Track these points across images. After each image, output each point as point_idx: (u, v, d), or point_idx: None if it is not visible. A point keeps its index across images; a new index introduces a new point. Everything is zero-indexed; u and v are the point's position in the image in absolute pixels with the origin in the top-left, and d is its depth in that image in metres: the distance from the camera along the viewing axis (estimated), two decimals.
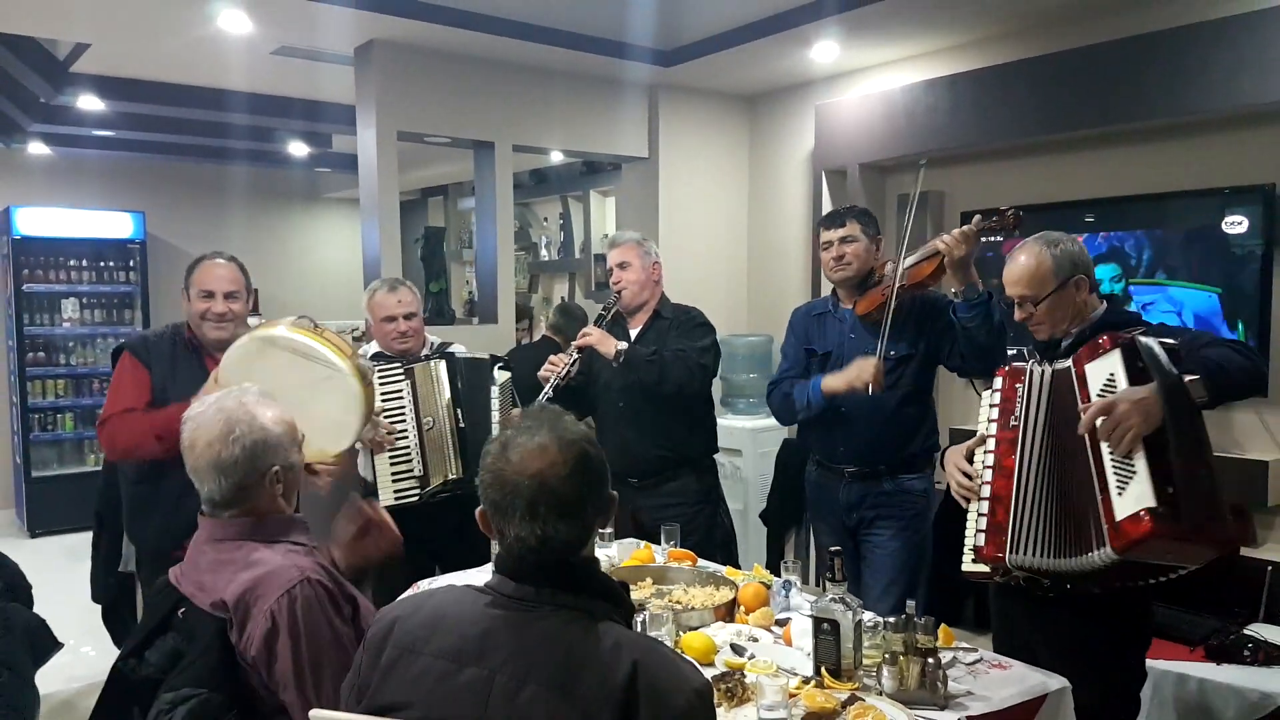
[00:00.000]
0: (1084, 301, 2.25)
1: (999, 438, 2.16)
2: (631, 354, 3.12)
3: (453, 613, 1.42)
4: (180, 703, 1.59)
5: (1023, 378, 2.17)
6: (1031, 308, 2.25)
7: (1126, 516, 1.87)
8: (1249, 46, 3.32)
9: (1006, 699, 1.90)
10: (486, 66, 4.59)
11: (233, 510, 1.81)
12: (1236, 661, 2.84)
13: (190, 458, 1.82)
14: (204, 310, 2.80)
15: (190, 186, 7.71)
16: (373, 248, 4.44)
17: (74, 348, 6.95)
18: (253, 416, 1.83)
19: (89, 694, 3.86)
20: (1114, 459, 1.93)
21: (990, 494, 2.13)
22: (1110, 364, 2.00)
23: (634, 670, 1.30)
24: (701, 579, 2.50)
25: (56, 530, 6.47)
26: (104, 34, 4.37)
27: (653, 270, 3.30)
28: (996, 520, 2.10)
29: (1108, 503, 1.92)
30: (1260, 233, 3.43)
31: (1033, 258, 2.24)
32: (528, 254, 7.34)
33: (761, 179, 5.45)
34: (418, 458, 3.00)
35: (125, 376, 2.79)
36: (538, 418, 1.45)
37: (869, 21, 4.05)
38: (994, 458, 2.15)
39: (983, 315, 2.63)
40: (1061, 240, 2.26)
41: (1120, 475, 1.91)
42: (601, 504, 1.45)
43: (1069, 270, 2.22)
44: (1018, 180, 4.28)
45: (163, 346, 2.84)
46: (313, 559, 1.80)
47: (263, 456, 1.81)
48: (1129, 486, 1.89)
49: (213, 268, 2.86)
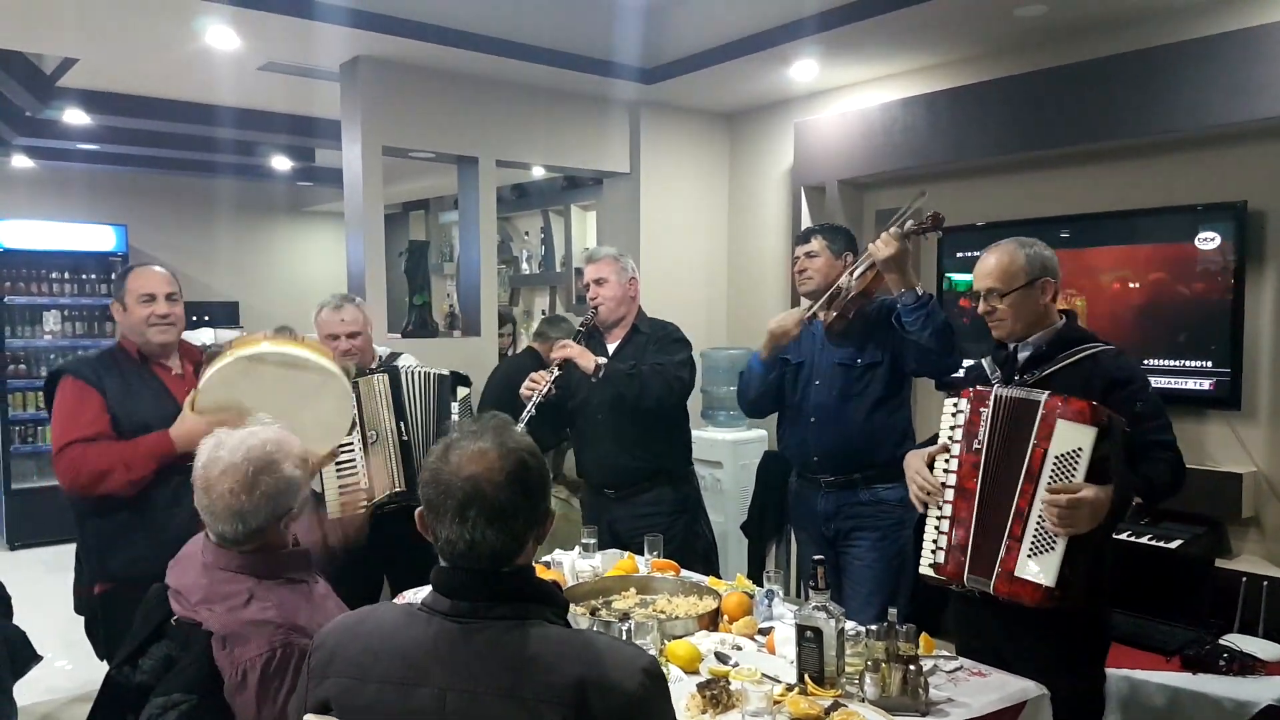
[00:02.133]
0: (1046, 306, 2.31)
1: (962, 459, 2.26)
2: (611, 369, 3.14)
3: (391, 636, 1.41)
4: (171, 707, 1.60)
5: (988, 401, 2.23)
6: (997, 301, 2.30)
7: (1025, 579, 2.11)
8: (1219, 67, 3.41)
9: (986, 705, 1.92)
10: (470, 83, 4.63)
11: (242, 547, 1.81)
12: (1212, 671, 2.87)
13: (206, 496, 1.79)
14: (147, 315, 2.72)
15: (173, 200, 7.71)
16: (357, 261, 4.45)
17: (55, 360, 6.88)
18: (278, 464, 1.81)
19: (69, 706, 3.87)
20: (1040, 527, 2.11)
21: (951, 513, 2.26)
22: (1081, 438, 2.07)
23: (580, 665, 1.31)
24: (685, 589, 2.52)
25: (36, 543, 6.41)
26: (91, 49, 4.38)
27: (629, 286, 3.32)
28: (957, 540, 2.24)
29: (1013, 552, 2.13)
30: (1232, 250, 3.50)
31: (1005, 254, 2.31)
32: (509, 268, 7.36)
33: (741, 195, 5.50)
34: (364, 470, 2.96)
35: (73, 402, 2.65)
36: (485, 425, 1.45)
37: (848, 41, 4.12)
38: (956, 478, 2.27)
39: (924, 317, 2.67)
40: (1035, 244, 2.33)
41: (1038, 541, 2.11)
42: (536, 516, 1.43)
43: (1038, 271, 2.28)
44: (993, 197, 4.34)
45: (106, 365, 2.73)
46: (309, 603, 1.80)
47: (280, 504, 1.82)
48: (1040, 556, 2.10)
49: (147, 272, 2.79)
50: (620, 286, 3.29)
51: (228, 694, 1.64)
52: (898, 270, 2.69)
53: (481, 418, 1.49)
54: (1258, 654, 2.94)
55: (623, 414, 3.19)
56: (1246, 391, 3.54)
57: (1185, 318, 3.63)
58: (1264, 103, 3.31)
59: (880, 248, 2.69)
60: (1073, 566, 2.06)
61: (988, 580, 2.16)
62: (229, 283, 8.09)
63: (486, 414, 1.50)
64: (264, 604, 1.73)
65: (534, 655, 1.33)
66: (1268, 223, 3.53)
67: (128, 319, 2.76)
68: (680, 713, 1.78)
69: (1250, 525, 3.53)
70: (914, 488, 2.35)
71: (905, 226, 2.70)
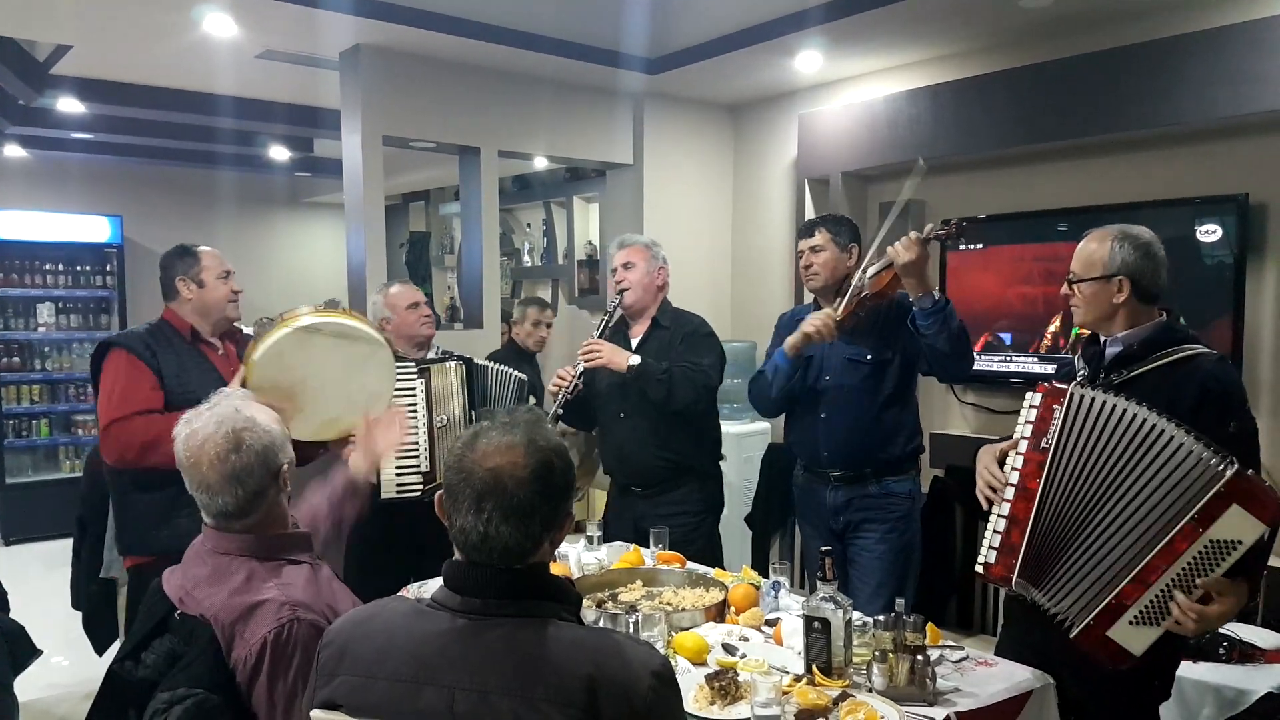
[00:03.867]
0: (1124, 305, 2.13)
1: (1027, 457, 2.06)
2: (644, 369, 3.07)
3: (402, 634, 1.40)
4: (177, 702, 1.58)
5: (1061, 400, 2.02)
6: (1074, 287, 2.19)
7: (1117, 643, 1.90)
8: (1223, 60, 3.40)
9: (993, 695, 1.93)
10: (472, 72, 4.60)
11: (245, 520, 1.79)
12: (1212, 660, 2.87)
13: (197, 474, 1.78)
14: (228, 292, 2.83)
15: (168, 190, 7.67)
16: (358, 252, 4.43)
17: (50, 353, 6.88)
18: (255, 421, 1.82)
19: (67, 701, 3.87)
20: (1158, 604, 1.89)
21: (1009, 513, 2.06)
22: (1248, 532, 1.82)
23: (591, 665, 1.30)
24: (691, 581, 2.52)
25: (32, 538, 6.40)
26: (86, 36, 4.35)
27: (657, 275, 3.26)
28: (1011, 541, 2.04)
29: (1115, 614, 1.91)
30: (1234, 242, 3.50)
31: (1095, 240, 2.18)
32: (510, 260, 7.35)
33: (745, 187, 5.49)
34: (425, 453, 3.04)
35: (128, 376, 2.64)
36: (518, 418, 1.44)
37: (852, 32, 4.11)
38: (1019, 476, 2.07)
39: (939, 323, 2.65)
40: (1134, 237, 2.15)
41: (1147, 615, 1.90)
42: (554, 518, 1.41)
43: (1117, 268, 2.12)
44: (995, 190, 4.34)
45: (159, 341, 2.73)
46: (313, 583, 1.79)
47: (273, 459, 1.81)
48: (1141, 628, 1.89)
49: (213, 253, 2.86)
50: (649, 274, 3.23)
51: (242, 680, 1.63)
52: (916, 275, 2.66)
53: (516, 410, 1.47)
54: (1257, 642, 2.95)
55: (643, 408, 3.14)
56: (1248, 384, 3.52)
57: (1186, 310, 3.62)
58: (1267, 95, 3.31)
59: (901, 252, 2.64)
60: (1160, 644, 1.91)
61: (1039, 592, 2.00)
62: None
63: (523, 407, 1.49)
64: (265, 583, 1.73)
65: (545, 655, 1.32)
66: (1269, 215, 3.53)
67: (205, 295, 2.81)
68: (689, 704, 1.78)
69: None
70: (981, 483, 2.18)
71: (926, 231, 2.68)
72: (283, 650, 1.64)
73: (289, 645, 1.64)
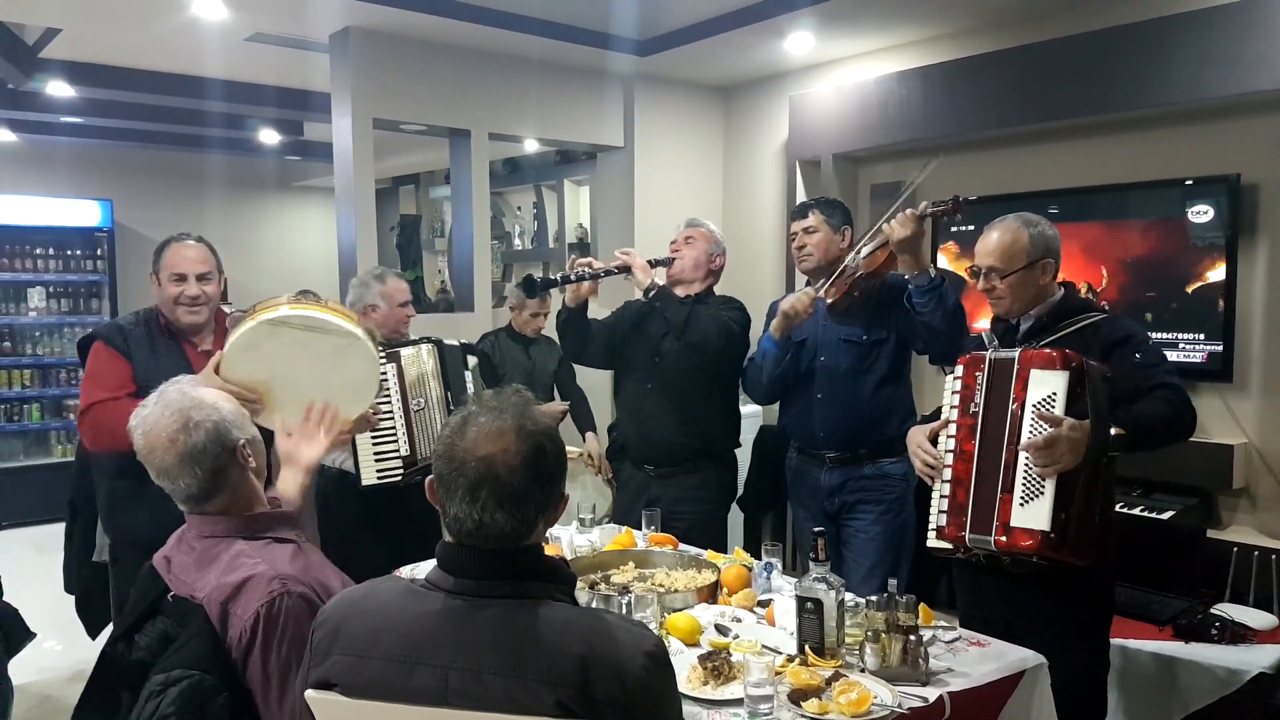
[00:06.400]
0: (1046, 285, 2.32)
1: (959, 423, 2.27)
2: (665, 291, 3.04)
3: (396, 613, 1.40)
4: (172, 684, 1.58)
5: (981, 366, 2.24)
6: (997, 280, 2.31)
7: (1021, 527, 2.11)
8: (1215, 40, 3.40)
9: (986, 675, 1.93)
10: (463, 54, 4.58)
11: (214, 501, 1.79)
12: (1204, 640, 2.91)
13: (155, 460, 1.78)
14: (176, 294, 2.72)
15: (158, 174, 7.61)
16: (349, 236, 4.41)
17: (40, 337, 6.86)
18: (201, 400, 1.81)
19: (60, 685, 3.87)
20: (1027, 474, 2.11)
21: (951, 476, 2.25)
22: (1054, 383, 2.10)
23: (583, 646, 1.30)
24: (683, 562, 2.53)
25: (23, 523, 6.38)
26: (75, 18, 4.31)
27: (712, 260, 3.24)
28: (958, 501, 2.22)
29: (1007, 504, 2.13)
30: (1225, 223, 3.51)
31: (1008, 233, 2.31)
32: (501, 243, 7.32)
33: (736, 169, 5.48)
34: (403, 438, 3.01)
35: (103, 366, 2.70)
36: (506, 401, 1.42)
37: (843, 13, 4.09)
38: (955, 442, 2.27)
39: (935, 300, 2.65)
40: (1039, 222, 2.33)
41: (1027, 489, 2.12)
42: (547, 501, 1.41)
43: (1040, 252, 2.29)
44: (987, 171, 4.33)
45: (138, 335, 2.75)
46: (300, 559, 1.79)
47: (226, 434, 1.80)
48: (1032, 503, 2.11)
49: (182, 249, 2.76)
50: (705, 254, 3.21)
51: (237, 657, 1.63)
52: (912, 252, 2.66)
53: (503, 392, 1.45)
54: (1249, 623, 2.98)
55: (672, 381, 3.10)
56: (1238, 364, 3.55)
57: (1178, 291, 3.64)
58: (1259, 76, 3.30)
59: (897, 229, 2.64)
60: (1066, 510, 2.07)
61: (988, 537, 2.16)
62: None
63: (509, 388, 1.48)
64: (254, 560, 1.72)
65: (538, 634, 1.32)
66: (1260, 196, 3.53)
67: (159, 294, 2.76)
68: (681, 684, 1.79)
69: (1241, 496, 3.56)
70: (918, 462, 2.36)
71: (922, 208, 2.67)
72: (275, 622, 1.64)
73: (280, 616, 1.64)
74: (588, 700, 1.28)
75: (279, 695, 1.63)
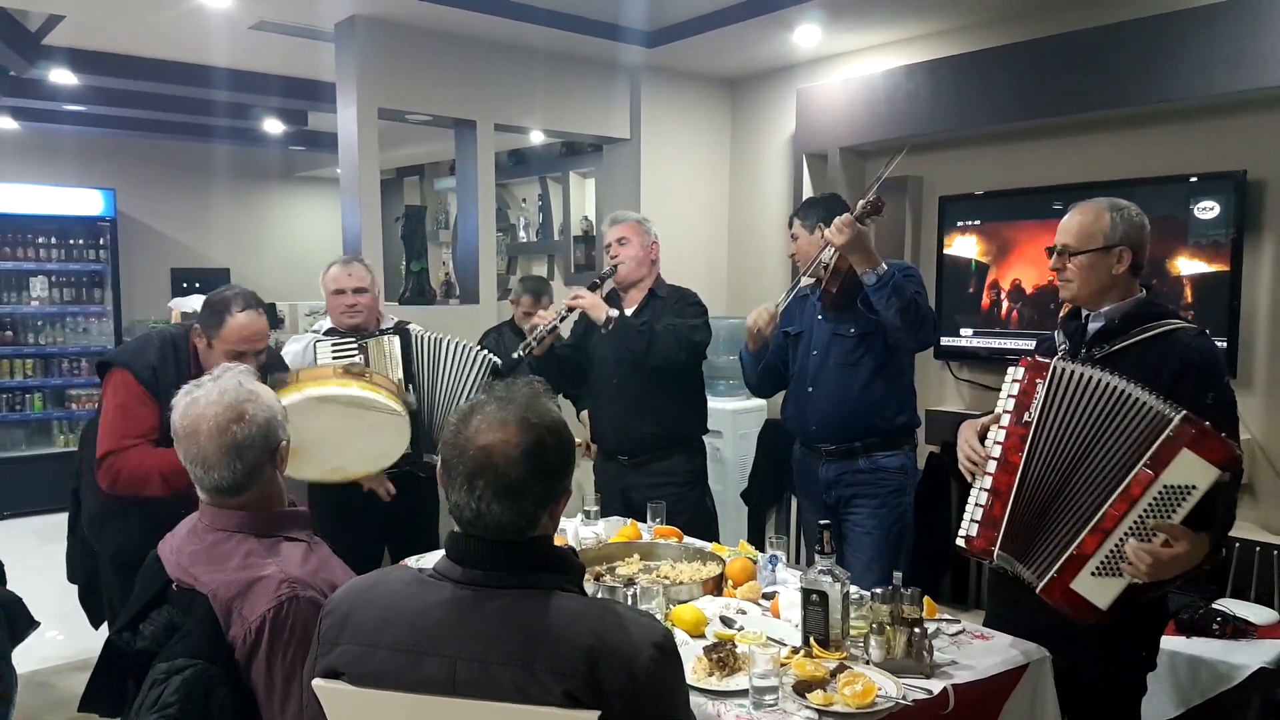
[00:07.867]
0: (1121, 277, 2.11)
1: (1010, 430, 2.07)
2: (622, 322, 3.15)
3: (403, 603, 1.39)
4: (175, 672, 1.58)
5: (1044, 374, 2.03)
6: (1068, 259, 2.13)
7: (1081, 595, 1.93)
8: (1222, 36, 3.39)
9: (990, 668, 1.94)
10: (469, 44, 4.56)
11: (241, 496, 1.77)
12: (1206, 635, 2.92)
13: (193, 445, 1.74)
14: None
15: (162, 163, 7.60)
16: (353, 226, 4.41)
17: (43, 327, 6.85)
18: (258, 394, 1.80)
19: (64, 673, 3.87)
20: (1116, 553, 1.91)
21: (991, 485, 2.08)
22: (1201, 477, 1.83)
23: (592, 636, 1.30)
24: (689, 555, 2.53)
25: (25, 512, 6.38)
26: (78, 5, 4.29)
27: (650, 249, 3.35)
28: (993, 514, 2.06)
29: (1076, 565, 1.93)
30: (1231, 220, 3.50)
31: (1090, 212, 2.14)
32: (506, 236, 7.31)
33: (743, 162, 5.47)
34: None
35: (130, 406, 2.54)
36: (515, 392, 1.42)
37: (851, 6, 4.08)
38: (1001, 450, 2.08)
39: (886, 296, 2.70)
40: (1128, 208, 2.14)
41: (1107, 565, 1.91)
42: (548, 496, 1.39)
43: (1119, 238, 2.10)
44: (993, 166, 4.33)
45: (169, 375, 2.56)
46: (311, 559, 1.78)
47: (274, 433, 1.79)
48: (1103, 579, 1.92)
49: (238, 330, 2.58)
50: (642, 248, 3.31)
51: (240, 657, 1.63)
52: (858, 252, 2.72)
53: (515, 383, 1.45)
54: (1250, 618, 2.99)
55: (636, 376, 3.20)
56: (1243, 360, 3.56)
57: (1183, 287, 3.63)
58: (1266, 72, 3.30)
59: (834, 235, 2.71)
60: (1128, 597, 1.92)
61: (1030, 573, 2.01)
62: (220, 249, 7.96)
63: (522, 379, 1.47)
64: (263, 559, 1.71)
65: (546, 625, 1.32)
66: (1267, 192, 3.53)
67: (206, 356, 2.60)
68: (687, 675, 1.79)
69: (1244, 492, 3.55)
70: (962, 457, 2.19)
71: (858, 210, 2.73)
72: (281, 627, 1.63)
73: (288, 622, 1.63)
74: (596, 691, 1.28)
75: (282, 699, 1.62)
